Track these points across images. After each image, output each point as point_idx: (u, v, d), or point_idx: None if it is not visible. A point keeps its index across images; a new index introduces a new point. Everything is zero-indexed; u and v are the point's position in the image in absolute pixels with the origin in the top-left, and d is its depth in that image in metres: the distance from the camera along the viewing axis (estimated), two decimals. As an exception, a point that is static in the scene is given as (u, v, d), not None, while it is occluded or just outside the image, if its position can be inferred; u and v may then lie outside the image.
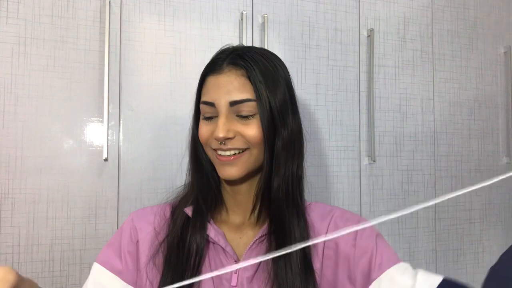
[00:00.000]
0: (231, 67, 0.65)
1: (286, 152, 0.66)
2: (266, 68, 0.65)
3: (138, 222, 0.69)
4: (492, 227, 1.31)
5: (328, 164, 1.14)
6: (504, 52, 1.35)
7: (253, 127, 0.63)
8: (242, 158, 0.64)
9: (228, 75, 0.64)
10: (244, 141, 0.63)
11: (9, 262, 0.90)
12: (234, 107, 0.63)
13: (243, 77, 0.64)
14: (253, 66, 0.64)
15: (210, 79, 0.66)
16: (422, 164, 1.24)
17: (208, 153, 0.67)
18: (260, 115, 0.63)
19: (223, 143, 0.63)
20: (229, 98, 0.63)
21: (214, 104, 0.63)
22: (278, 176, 0.66)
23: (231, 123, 0.63)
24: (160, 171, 1.00)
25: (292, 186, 0.67)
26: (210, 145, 0.65)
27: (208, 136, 0.65)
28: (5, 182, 0.90)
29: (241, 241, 0.68)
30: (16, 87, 0.92)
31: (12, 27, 0.92)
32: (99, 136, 0.97)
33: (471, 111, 1.30)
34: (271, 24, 1.10)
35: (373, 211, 1.18)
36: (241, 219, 0.70)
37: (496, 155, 1.33)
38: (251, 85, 0.64)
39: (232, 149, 0.63)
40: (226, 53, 0.67)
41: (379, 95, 1.20)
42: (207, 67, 0.68)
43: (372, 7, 1.21)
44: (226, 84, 0.63)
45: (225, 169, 0.64)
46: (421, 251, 1.21)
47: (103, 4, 0.98)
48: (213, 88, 0.64)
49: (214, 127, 0.64)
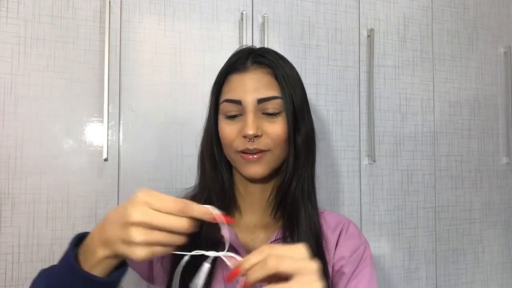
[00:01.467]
0: (256, 65, 0.66)
1: (306, 151, 0.67)
2: (287, 69, 0.67)
3: None
4: (492, 227, 1.31)
5: (328, 164, 1.14)
6: (504, 52, 1.35)
7: (279, 125, 0.64)
8: (266, 158, 0.64)
9: (254, 73, 0.65)
10: (268, 141, 0.63)
11: (9, 262, 0.90)
12: (261, 105, 0.63)
13: (269, 75, 0.65)
14: (277, 65, 0.66)
15: (234, 77, 0.66)
16: (422, 164, 1.24)
17: (229, 154, 0.66)
18: (286, 113, 0.64)
19: (252, 140, 0.62)
20: (257, 96, 0.63)
21: (241, 102, 0.63)
22: (297, 175, 0.66)
23: (259, 120, 0.63)
24: (160, 171, 1.00)
25: (308, 185, 0.68)
26: (235, 146, 0.64)
27: (233, 136, 0.64)
28: (5, 182, 0.90)
29: (253, 244, 0.68)
30: (16, 87, 0.92)
31: (12, 27, 0.92)
32: (99, 136, 0.97)
33: (471, 111, 1.31)
34: (271, 24, 1.10)
35: (373, 211, 1.18)
36: (254, 221, 0.70)
37: (496, 155, 1.33)
38: (277, 83, 0.65)
39: (257, 149, 0.63)
40: (245, 53, 0.67)
41: (379, 95, 1.20)
42: (229, 66, 0.67)
43: (372, 7, 1.21)
44: (253, 82, 0.64)
45: (250, 167, 0.64)
46: (421, 251, 1.21)
47: (103, 4, 0.98)
48: (239, 86, 0.64)
49: (239, 126, 0.64)
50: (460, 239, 1.26)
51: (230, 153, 0.66)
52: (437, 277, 1.22)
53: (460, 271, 1.26)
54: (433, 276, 1.22)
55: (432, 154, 1.25)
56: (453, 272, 1.24)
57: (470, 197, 1.29)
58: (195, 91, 1.03)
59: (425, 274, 1.21)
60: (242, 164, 0.64)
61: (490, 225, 1.31)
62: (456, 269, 1.25)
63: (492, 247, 1.31)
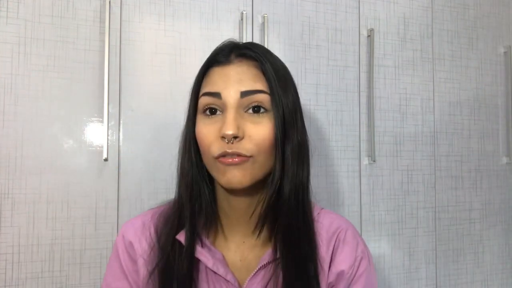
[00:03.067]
0: (241, 58, 0.57)
1: (297, 160, 0.58)
2: (276, 65, 0.59)
3: (130, 236, 0.63)
4: (492, 227, 1.31)
5: (328, 164, 1.14)
6: (504, 52, 1.35)
7: (264, 127, 0.55)
8: (247, 165, 0.54)
9: (238, 65, 0.56)
10: (250, 146, 0.54)
11: (9, 262, 0.90)
12: (245, 99, 0.54)
13: (255, 69, 0.56)
14: (265, 59, 0.57)
15: (215, 70, 0.57)
16: (422, 164, 1.24)
17: (207, 162, 0.57)
18: (274, 111, 0.55)
19: (231, 142, 0.53)
20: (240, 87, 0.54)
21: (221, 95, 0.54)
22: (286, 188, 0.57)
23: (241, 120, 0.54)
24: (160, 171, 1.00)
25: (300, 199, 0.59)
26: (212, 152, 0.54)
27: (211, 138, 0.55)
28: (5, 182, 0.90)
29: (243, 265, 0.60)
30: (16, 87, 0.92)
31: (12, 27, 0.92)
32: (99, 136, 0.97)
33: (471, 111, 1.31)
34: (271, 24, 1.10)
35: (373, 211, 1.18)
36: (241, 238, 0.62)
37: (496, 155, 1.33)
38: (264, 78, 0.56)
39: (236, 153, 0.53)
40: (229, 47, 0.59)
41: (379, 95, 1.20)
42: (210, 59, 0.59)
43: (372, 7, 1.21)
44: (236, 74, 0.55)
45: (229, 171, 0.54)
46: (421, 251, 1.21)
47: (103, 4, 0.98)
48: (219, 77, 0.56)
49: (218, 125, 0.54)
50: (460, 239, 1.26)
51: (207, 160, 0.56)
52: (437, 277, 1.22)
53: (460, 271, 1.26)
54: (433, 276, 1.22)
55: (432, 154, 1.25)
56: (453, 272, 1.24)
57: (470, 197, 1.29)
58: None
59: (425, 274, 1.21)
60: (220, 171, 0.54)
61: (490, 225, 1.31)
62: (456, 269, 1.25)
63: (492, 247, 1.31)
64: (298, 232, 0.58)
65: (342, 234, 0.63)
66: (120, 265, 0.63)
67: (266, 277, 0.58)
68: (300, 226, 0.58)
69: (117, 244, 0.64)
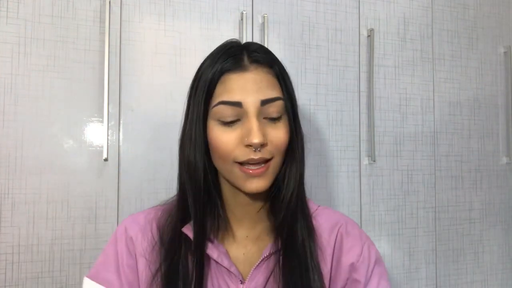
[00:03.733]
0: (256, 64, 0.58)
1: (301, 156, 0.62)
2: (283, 69, 0.62)
3: (132, 231, 0.63)
4: (492, 227, 1.31)
5: (328, 164, 1.14)
6: (504, 52, 1.35)
7: (282, 131, 0.57)
8: (270, 169, 0.57)
9: (255, 73, 0.57)
10: (272, 149, 0.57)
11: (9, 262, 0.90)
12: (264, 107, 0.56)
13: (270, 75, 0.58)
14: (277, 63, 0.60)
15: (231, 77, 0.57)
16: (422, 164, 1.24)
17: (224, 166, 0.58)
18: (288, 116, 0.59)
19: (258, 150, 0.55)
20: (260, 97, 0.55)
21: (242, 104, 0.55)
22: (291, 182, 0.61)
23: (263, 127, 0.56)
24: (160, 171, 1.00)
25: (300, 190, 0.62)
26: (234, 157, 0.56)
27: (233, 145, 0.56)
28: (5, 182, 0.90)
29: (246, 258, 0.62)
30: (16, 87, 0.92)
31: (12, 27, 0.92)
32: (99, 136, 0.97)
33: (471, 111, 1.31)
34: (271, 24, 1.10)
35: (373, 211, 1.18)
36: (245, 233, 0.64)
37: (496, 155, 1.33)
38: (278, 84, 0.59)
39: (262, 160, 0.55)
40: (237, 49, 0.59)
41: (379, 95, 1.20)
42: (221, 65, 0.58)
43: (372, 7, 1.21)
44: (255, 82, 0.56)
45: (252, 182, 0.56)
46: (421, 251, 1.21)
47: (103, 4, 0.98)
48: (238, 86, 0.56)
49: (239, 134, 0.56)
50: (460, 239, 1.26)
51: (225, 165, 0.57)
52: (437, 277, 1.22)
53: (460, 271, 1.26)
54: (433, 276, 1.22)
55: (432, 154, 1.25)
56: (453, 272, 1.24)
57: (470, 197, 1.29)
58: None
59: (425, 274, 1.21)
60: (241, 178, 0.56)
61: (490, 225, 1.31)
62: (456, 269, 1.25)
63: (492, 247, 1.31)
64: (298, 224, 0.61)
65: (343, 227, 0.65)
66: (116, 257, 0.62)
67: (269, 269, 0.60)
68: (300, 218, 0.61)
69: (118, 235, 0.64)
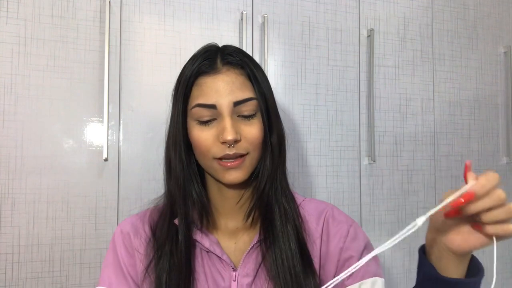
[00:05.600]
0: (228, 66, 0.62)
1: (279, 151, 0.66)
2: (257, 68, 0.65)
3: (128, 230, 0.67)
4: (492, 227, 1.31)
5: (328, 164, 1.14)
6: (504, 52, 1.35)
7: (255, 127, 0.62)
8: (245, 162, 0.62)
9: (227, 75, 0.62)
10: (246, 145, 0.61)
11: (9, 262, 0.90)
12: (237, 108, 0.61)
13: (242, 76, 0.63)
14: (249, 64, 0.64)
15: (205, 80, 0.62)
16: (422, 164, 1.24)
17: (204, 162, 0.63)
18: (261, 113, 0.63)
19: (232, 146, 0.60)
20: (233, 98, 0.60)
21: (216, 106, 0.60)
22: (272, 175, 0.65)
23: (236, 124, 0.61)
24: (160, 171, 0.99)
25: (281, 183, 0.66)
26: (212, 153, 0.61)
27: (210, 142, 0.61)
28: (5, 182, 0.90)
29: (237, 247, 0.66)
30: (16, 87, 0.92)
31: (12, 27, 0.92)
32: (99, 136, 0.97)
33: (471, 111, 1.31)
34: (271, 24, 1.10)
35: (373, 211, 1.18)
36: (235, 224, 0.68)
37: (496, 155, 1.33)
38: (251, 84, 0.63)
39: (237, 155, 0.60)
40: (212, 53, 0.64)
41: (379, 95, 1.20)
42: (197, 68, 0.63)
43: (372, 7, 1.21)
44: (227, 85, 0.61)
45: (230, 173, 0.61)
46: (421, 251, 1.21)
47: (103, 4, 0.98)
48: (211, 89, 0.61)
49: (215, 132, 0.61)
50: (460, 239, 1.26)
51: (205, 160, 0.62)
52: (437, 277, 1.22)
53: (460, 271, 1.25)
54: (433, 276, 1.21)
55: (432, 154, 1.25)
56: (453, 272, 1.24)
57: (470, 197, 1.29)
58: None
59: (425, 274, 1.21)
60: (221, 171, 0.61)
61: (490, 225, 1.31)
62: (456, 269, 1.25)
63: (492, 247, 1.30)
64: (284, 211, 0.65)
65: (329, 213, 0.69)
66: (119, 262, 0.65)
67: (259, 256, 0.63)
68: (285, 206, 0.65)
69: (115, 237, 0.67)
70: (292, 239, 0.63)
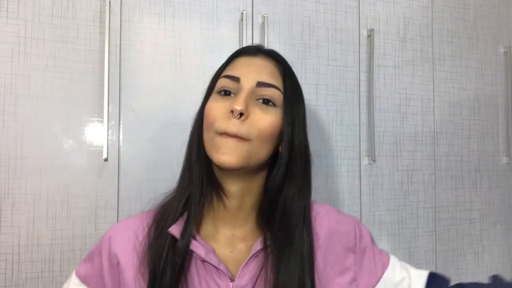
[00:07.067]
0: (267, 56, 0.64)
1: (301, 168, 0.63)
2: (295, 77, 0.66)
3: (116, 244, 0.63)
4: (492, 227, 1.31)
5: (328, 164, 1.14)
6: (504, 52, 1.35)
7: (268, 116, 0.58)
8: (242, 148, 0.57)
9: (262, 59, 0.62)
10: (251, 129, 0.57)
11: (9, 262, 0.90)
12: (259, 89, 0.59)
13: (275, 68, 0.63)
14: (285, 65, 0.65)
15: (240, 59, 0.63)
16: (422, 164, 1.24)
17: (207, 138, 0.59)
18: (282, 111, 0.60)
19: (237, 117, 0.56)
20: (258, 78, 0.59)
21: (240, 79, 0.59)
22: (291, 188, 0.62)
23: (251, 103, 0.58)
24: (160, 171, 1.00)
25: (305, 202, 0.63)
26: (216, 127, 0.57)
27: (219, 113, 0.58)
28: (5, 182, 0.90)
29: (233, 256, 0.62)
30: (16, 87, 0.92)
31: (12, 27, 0.92)
32: (99, 136, 0.97)
33: (471, 111, 1.31)
34: (271, 24, 1.10)
35: (373, 211, 1.18)
36: (229, 232, 0.64)
37: (496, 155, 1.33)
38: (281, 78, 0.62)
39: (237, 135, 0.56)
40: (255, 46, 0.66)
41: (379, 95, 1.20)
42: (237, 51, 0.65)
43: (372, 7, 1.21)
44: (258, 65, 0.61)
45: (224, 154, 0.56)
46: (421, 251, 1.21)
47: (103, 4, 0.98)
48: (243, 65, 0.61)
49: (228, 105, 0.58)
50: (460, 239, 1.26)
51: (208, 133, 0.59)
52: (437, 277, 1.22)
53: (460, 271, 1.26)
54: (433, 276, 1.22)
55: (432, 154, 1.25)
56: (453, 272, 1.24)
57: (470, 197, 1.29)
58: (195, 91, 1.03)
59: (425, 274, 1.21)
60: (216, 148, 0.57)
61: (490, 225, 1.31)
62: (456, 269, 1.25)
63: (492, 247, 1.31)
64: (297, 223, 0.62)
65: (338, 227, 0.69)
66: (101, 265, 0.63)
67: (258, 266, 0.60)
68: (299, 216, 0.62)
69: (102, 243, 0.65)
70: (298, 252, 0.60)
